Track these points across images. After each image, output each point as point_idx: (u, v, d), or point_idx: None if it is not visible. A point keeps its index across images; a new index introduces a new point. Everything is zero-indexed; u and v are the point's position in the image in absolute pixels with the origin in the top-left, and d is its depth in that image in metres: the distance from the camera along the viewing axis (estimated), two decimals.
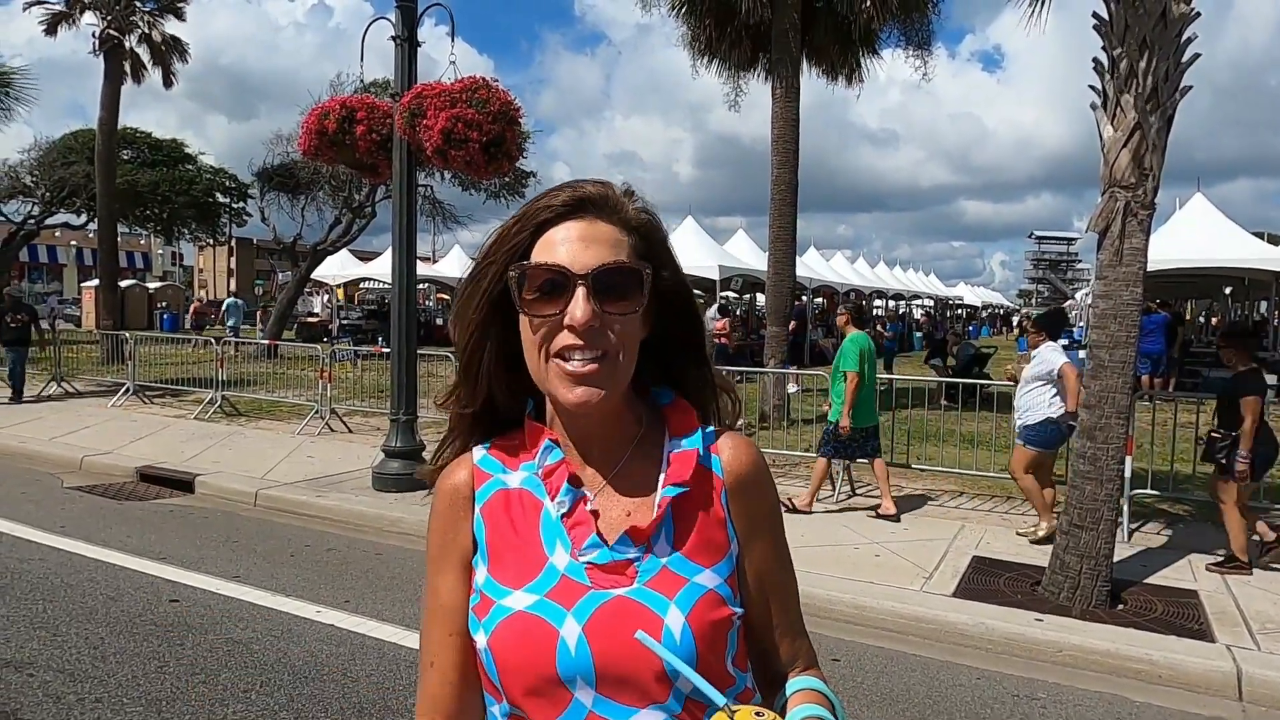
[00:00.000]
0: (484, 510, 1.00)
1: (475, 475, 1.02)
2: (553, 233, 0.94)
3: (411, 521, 6.27)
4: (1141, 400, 7.09)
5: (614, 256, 0.93)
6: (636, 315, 0.94)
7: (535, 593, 0.93)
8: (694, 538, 0.97)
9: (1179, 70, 4.72)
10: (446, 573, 1.00)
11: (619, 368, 0.93)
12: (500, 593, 0.94)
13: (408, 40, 7.07)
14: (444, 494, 1.03)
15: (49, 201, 24.66)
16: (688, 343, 1.04)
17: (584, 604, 0.91)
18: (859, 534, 6.08)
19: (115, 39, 17.86)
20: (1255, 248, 14.63)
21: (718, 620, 0.93)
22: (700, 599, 0.93)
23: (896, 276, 37.69)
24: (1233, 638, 4.33)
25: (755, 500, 1.02)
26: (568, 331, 0.90)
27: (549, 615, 0.91)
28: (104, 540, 5.77)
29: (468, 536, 1.00)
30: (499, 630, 0.92)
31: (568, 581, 0.93)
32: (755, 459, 1.04)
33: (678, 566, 0.94)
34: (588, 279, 0.91)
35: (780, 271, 11.51)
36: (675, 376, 1.05)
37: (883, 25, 12.09)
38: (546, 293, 0.92)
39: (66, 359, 14.10)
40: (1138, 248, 4.74)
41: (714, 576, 0.95)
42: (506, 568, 0.96)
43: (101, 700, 3.47)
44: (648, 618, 0.90)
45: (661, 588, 0.92)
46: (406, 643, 4.18)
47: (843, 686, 3.90)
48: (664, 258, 0.99)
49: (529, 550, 0.96)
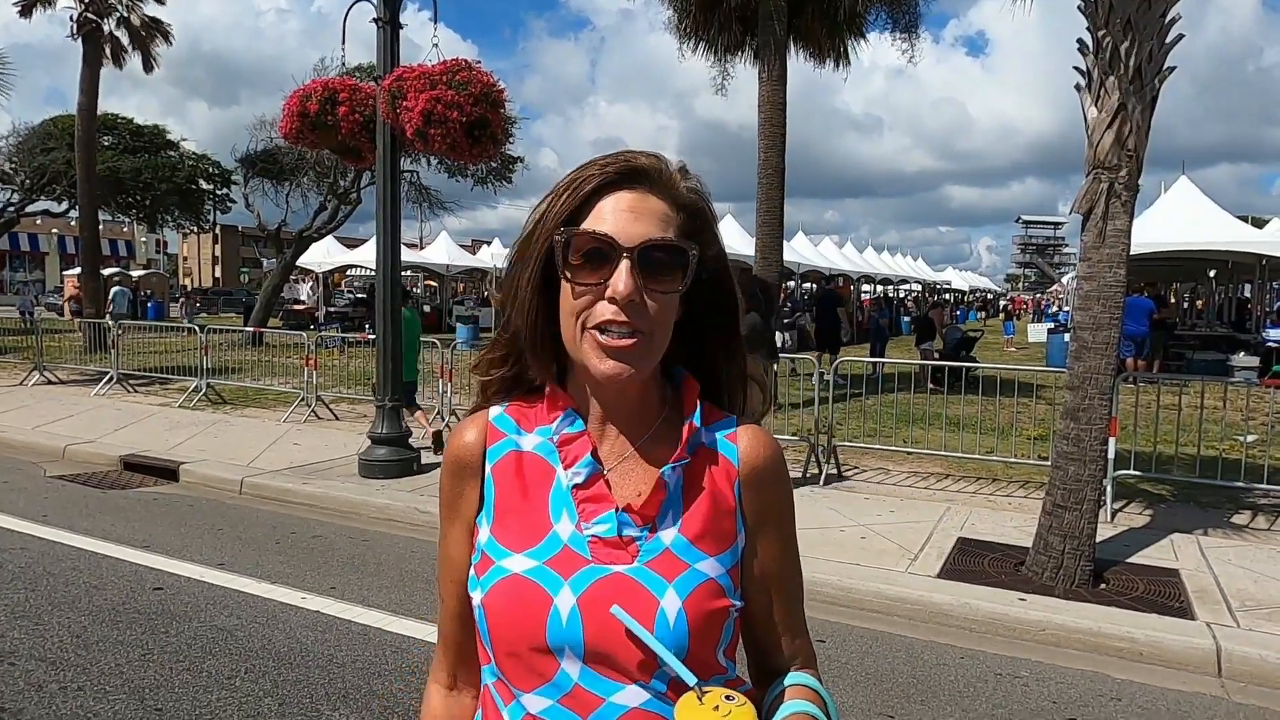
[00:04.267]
0: (495, 470, 0.99)
1: (489, 433, 1.01)
2: (603, 201, 0.93)
3: (398, 508, 6.25)
4: (1125, 382, 7.13)
5: (661, 233, 0.91)
6: (676, 295, 0.93)
7: (535, 558, 0.92)
8: (701, 524, 0.96)
9: (1163, 51, 4.72)
10: (453, 525, 1.02)
11: (653, 345, 0.92)
12: (500, 553, 0.94)
13: (389, 23, 6.99)
14: (454, 451, 1.03)
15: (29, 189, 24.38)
16: (724, 329, 1.02)
17: (581, 576, 0.91)
18: (845, 516, 6.11)
19: (93, 22, 17.57)
20: (1239, 230, 14.73)
21: (714, 610, 0.93)
22: (699, 586, 0.92)
23: (885, 261, 37.76)
24: (1212, 615, 4.37)
25: (769, 494, 1.01)
26: (607, 303, 0.89)
27: (545, 582, 0.91)
28: (87, 529, 5.73)
29: (473, 498, 1.00)
30: (494, 590, 0.92)
31: (569, 552, 0.93)
32: (774, 452, 1.02)
33: (681, 550, 0.94)
34: (634, 253, 0.89)
35: (768, 256, 11.49)
36: (707, 362, 1.03)
37: (869, 8, 12.06)
38: (591, 261, 0.90)
39: (48, 348, 13.97)
40: (1121, 229, 4.75)
41: (716, 566, 0.94)
42: (510, 530, 0.96)
43: (84, 689, 3.45)
44: (644, 597, 0.90)
45: (661, 569, 0.92)
46: (391, 628, 4.18)
47: (827, 667, 3.92)
48: (710, 239, 0.97)
49: (534, 516, 0.96)
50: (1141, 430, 6.99)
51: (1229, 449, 7.16)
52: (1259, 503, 6.58)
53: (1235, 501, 6.61)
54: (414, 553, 5.46)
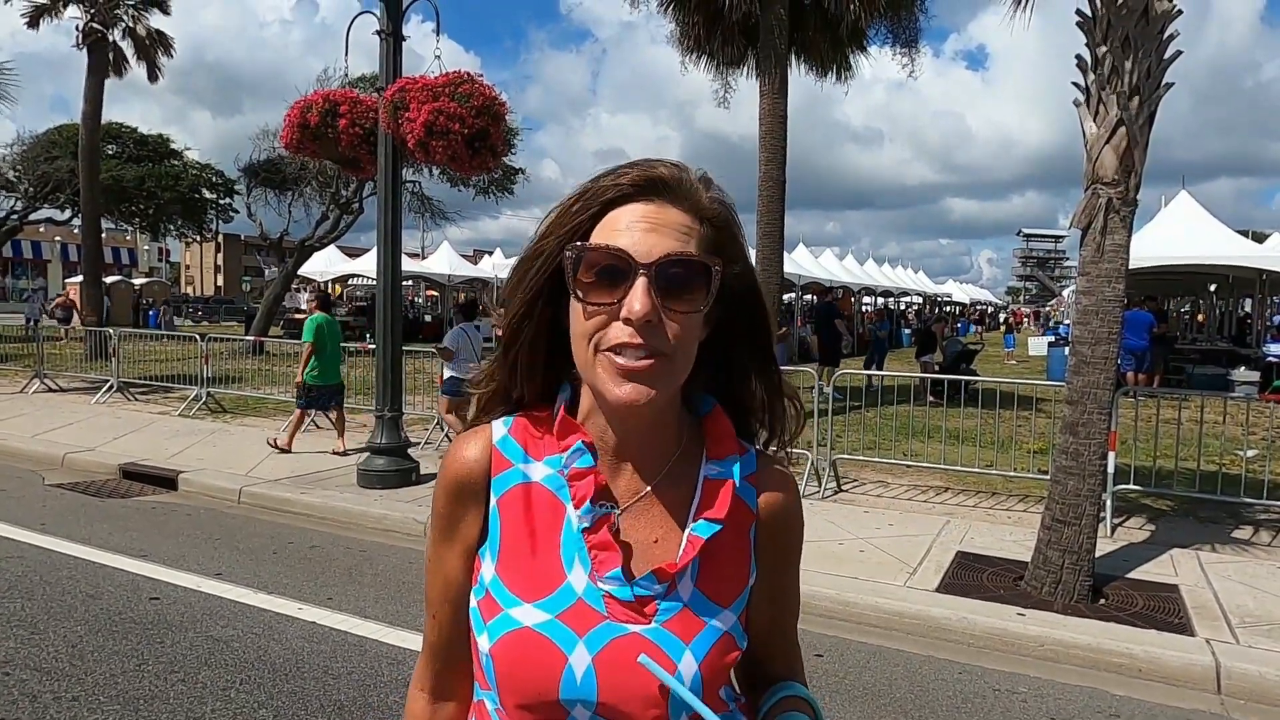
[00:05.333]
0: (501, 504, 0.92)
1: (494, 459, 0.94)
2: (617, 214, 0.87)
3: (396, 519, 6.24)
4: (1125, 396, 7.13)
5: (681, 247, 0.85)
6: (699, 315, 0.87)
7: (547, 611, 0.87)
8: (718, 575, 0.92)
9: (1161, 67, 4.74)
10: (449, 546, 0.96)
11: (675, 368, 0.86)
12: (509, 601, 0.89)
13: (392, 35, 7.03)
14: (453, 472, 0.95)
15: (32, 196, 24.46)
16: (754, 346, 0.96)
17: (597, 634, 0.87)
18: (844, 529, 6.10)
19: (99, 32, 17.68)
20: (1239, 245, 14.73)
21: (727, 663, 0.91)
22: (715, 643, 0.89)
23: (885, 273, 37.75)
24: (1212, 631, 4.36)
25: (785, 538, 0.98)
26: (622, 324, 0.83)
27: (559, 639, 0.86)
28: (85, 538, 5.72)
29: (475, 525, 0.94)
30: (504, 643, 0.87)
31: (583, 606, 0.88)
32: (795, 497, 0.99)
33: (698, 607, 0.90)
34: (650, 269, 0.83)
35: (768, 267, 11.51)
36: (736, 382, 0.97)
37: (870, 22, 12.13)
38: (604, 279, 0.84)
39: (50, 355, 13.98)
40: (1120, 244, 4.76)
41: (730, 616, 0.92)
42: (518, 574, 0.90)
43: (79, 699, 3.43)
44: (660, 660, 0.87)
45: (679, 630, 0.88)
46: (388, 640, 4.17)
47: (825, 681, 3.91)
48: (735, 252, 0.92)
49: (545, 561, 0.90)
50: (1141, 445, 6.99)
51: (1229, 464, 7.15)
52: (1259, 518, 6.56)
53: (1235, 517, 6.60)
54: (411, 564, 5.45)
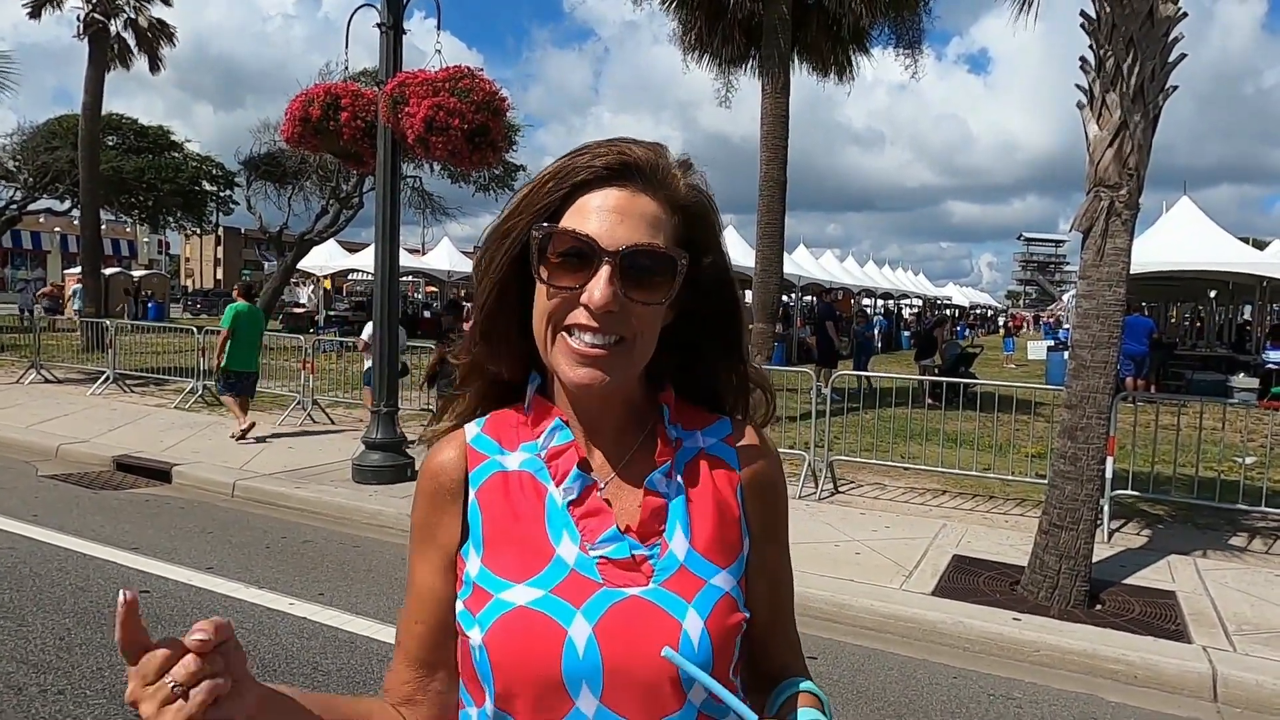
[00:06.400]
0: (480, 495, 0.91)
1: (469, 456, 0.93)
2: (589, 197, 0.85)
3: (390, 514, 6.21)
4: (1124, 401, 7.10)
5: (649, 238, 0.84)
6: (661, 306, 0.86)
7: (540, 587, 0.84)
8: (710, 535, 0.90)
9: (1165, 70, 4.71)
10: (426, 557, 0.93)
11: (633, 355, 0.86)
12: (499, 585, 0.85)
13: (393, 28, 7.00)
14: (429, 475, 0.94)
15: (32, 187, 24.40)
16: (722, 336, 0.96)
17: (595, 602, 0.84)
18: (841, 531, 6.07)
19: (100, 23, 17.63)
20: (1240, 252, 14.73)
21: (732, 626, 0.87)
22: (718, 602, 0.86)
23: (886, 275, 37.76)
24: (1209, 639, 4.33)
25: (771, 502, 0.97)
26: (583, 310, 0.83)
27: (556, 613, 0.83)
28: (76, 529, 5.68)
29: (454, 526, 0.91)
30: (498, 627, 0.83)
31: (577, 576, 0.85)
32: (773, 456, 0.98)
33: (695, 566, 0.88)
34: (616, 258, 0.82)
35: (768, 268, 11.49)
36: (703, 369, 0.97)
37: (873, 23, 12.11)
38: (569, 262, 0.83)
39: (46, 346, 13.94)
40: (1121, 248, 4.73)
41: (729, 578, 0.89)
42: (506, 558, 0.87)
43: (64, 692, 3.40)
44: (664, 622, 0.83)
45: (679, 588, 0.86)
46: (379, 636, 4.13)
47: (819, 683, 3.85)
48: (710, 242, 0.91)
49: (532, 540, 0.87)
50: (1140, 450, 6.96)
51: (1227, 470, 7.13)
52: (1257, 525, 6.54)
53: (1233, 523, 6.57)
54: (404, 560, 5.39)
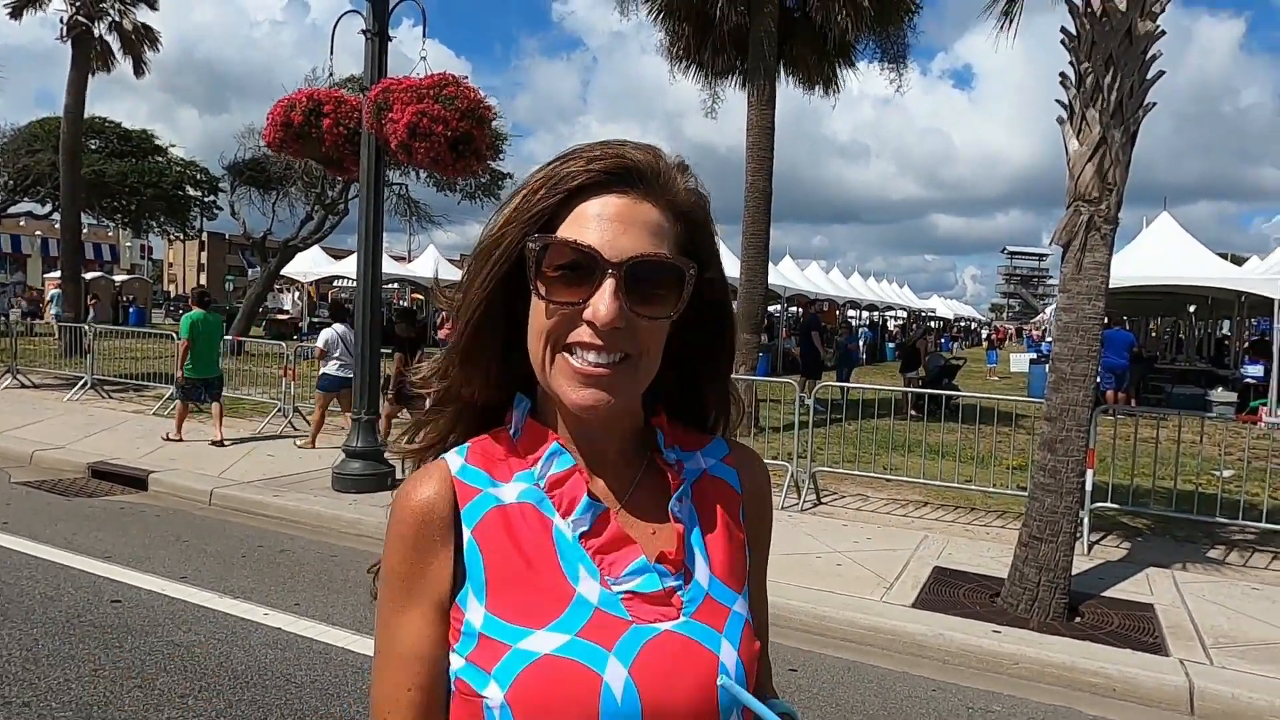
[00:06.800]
0: (478, 533, 0.81)
1: (457, 490, 0.83)
2: (586, 205, 0.79)
3: (370, 523, 6.14)
4: (1104, 414, 7.14)
5: (654, 248, 0.78)
6: (668, 321, 0.81)
7: (564, 631, 0.77)
8: (725, 560, 0.87)
9: (1143, 86, 4.76)
10: (410, 611, 0.81)
11: (638, 373, 0.80)
12: (515, 634, 0.77)
13: (378, 34, 6.98)
14: (411, 514, 0.82)
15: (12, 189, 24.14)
16: (715, 350, 0.91)
17: (627, 641, 0.77)
18: (822, 542, 6.06)
19: (84, 26, 17.47)
20: (1219, 267, 14.90)
21: (756, 652, 0.84)
22: (744, 631, 0.83)
23: (871, 287, 37.94)
24: (1186, 652, 4.35)
25: (765, 519, 0.96)
26: (586, 327, 0.77)
27: (587, 658, 0.76)
28: (48, 538, 5.59)
29: (445, 569, 0.81)
30: (523, 680, 0.75)
31: (603, 616, 0.78)
32: (767, 475, 0.98)
33: (719, 594, 0.84)
34: (620, 270, 0.76)
35: (753, 278, 11.50)
36: (693, 384, 0.93)
37: (859, 37, 12.18)
38: (569, 275, 0.77)
39: (24, 351, 13.75)
40: (1100, 262, 4.77)
41: (744, 603, 0.86)
42: (518, 602, 0.79)
43: (30, 705, 3.33)
44: (702, 656, 0.79)
45: (709, 619, 0.81)
46: (354, 647, 4.08)
47: (798, 697, 3.85)
48: (709, 253, 0.86)
49: (546, 580, 0.80)
50: (1119, 463, 7.00)
51: (1205, 483, 7.18)
52: (1234, 538, 6.59)
53: (1211, 536, 6.62)
54: None
